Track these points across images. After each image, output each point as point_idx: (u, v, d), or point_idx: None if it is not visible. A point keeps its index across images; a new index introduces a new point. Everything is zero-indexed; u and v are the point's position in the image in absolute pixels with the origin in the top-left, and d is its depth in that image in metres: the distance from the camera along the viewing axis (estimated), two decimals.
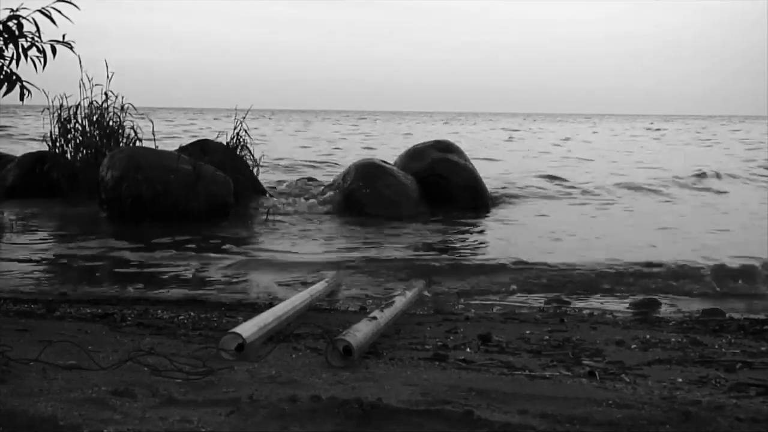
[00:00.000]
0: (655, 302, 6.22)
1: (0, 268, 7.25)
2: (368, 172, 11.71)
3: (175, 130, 31.17)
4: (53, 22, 4.32)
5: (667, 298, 6.43)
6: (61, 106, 11.47)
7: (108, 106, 11.42)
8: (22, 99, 4.33)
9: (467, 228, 10.46)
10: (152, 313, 5.11)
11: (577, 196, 14.46)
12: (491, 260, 8.02)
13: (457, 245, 9.05)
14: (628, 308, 6.06)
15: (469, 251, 8.63)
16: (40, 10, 4.27)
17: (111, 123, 11.45)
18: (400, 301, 4.99)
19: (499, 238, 9.46)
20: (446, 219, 10.94)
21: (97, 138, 11.38)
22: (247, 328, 3.76)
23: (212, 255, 8.15)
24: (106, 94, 11.39)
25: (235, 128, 11.65)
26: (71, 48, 4.49)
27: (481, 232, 10.22)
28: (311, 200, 12.36)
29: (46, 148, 11.82)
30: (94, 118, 11.43)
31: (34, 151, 12.76)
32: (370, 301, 6.12)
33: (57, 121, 11.49)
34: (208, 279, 6.98)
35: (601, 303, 6.24)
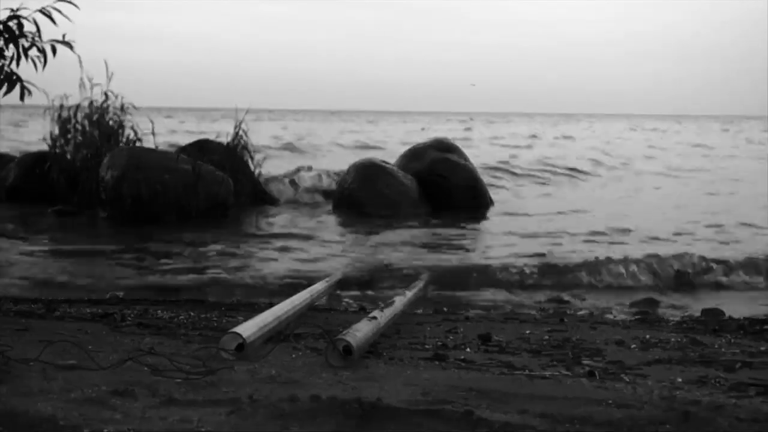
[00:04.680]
0: (655, 302, 6.23)
1: (0, 267, 7.25)
2: (368, 172, 11.72)
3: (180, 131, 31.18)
4: (53, 21, 4.32)
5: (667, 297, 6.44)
6: (61, 106, 11.47)
7: (108, 106, 11.42)
8: (22, 99, 4.33)
9: (467, 228, 10.46)
10: (152, 313, 5.10)
11: None
12: (491, 260, 8.03)
13: (458, 245, 9.05)
14: (628, 308, 6.07)
15: (469, 251, 8.63)
16: (40, 10, 4.27)
17: (111, 123, 11.45)
18: (400, 301, 4.99)
19: (499, 238, 9.46)
20: (446, 219, 10.94)
21: (97, 138, 11.38)
22: (247, 328, 3.75)
23: (212, 254, 8.16)
24: (106, 94, 11.39)
25: (235, 128, 11.67)
26: (71, 48, 4.49)
27: (481, 231, 10.22)
28: (311, 200, 12.38)
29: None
30: (94, 118, 11.43)
31: (34, 151, 12.77)
32: (370, 300, 6.12)
33: (57, 121, 11.49)
34: (207, 279, 6.98)
35: (601, 302, 6.24)
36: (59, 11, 4.32)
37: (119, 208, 10.06)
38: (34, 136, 21.09)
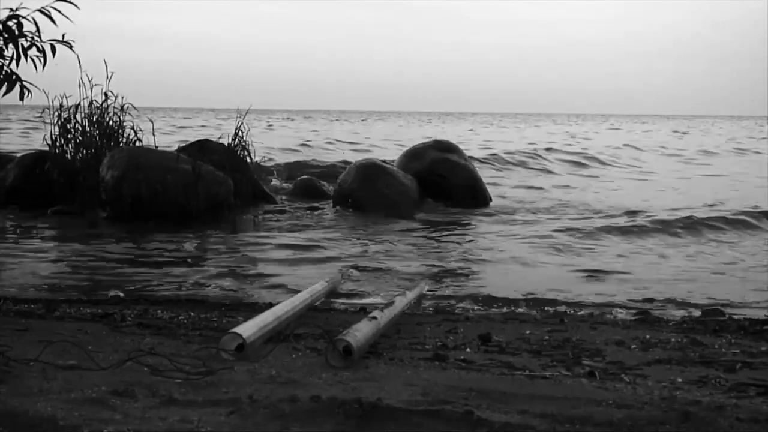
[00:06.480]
0: (655, 302, 6.22)
1: (0, 268, 7.25)
2: (368, 172, 11.72)
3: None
4: (53, 21, 4.32)
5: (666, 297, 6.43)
6: (61, 106, 11.46)
7: (108, 106, 11.42)
8: (22, 99, 4.33)
9: (467, 227, 10.46)
10: (152, 313, 5.10)
11: None
12: (490, 259, 8.03)
13: (457, 245, 9.05)
14: (628, 308, 6.05)
15: (468, 251, 8.63)
16: (40, 10, 4.26)
17: (111, 123, 11.44)
18: (400, 302, 4.99)
19: (498, 237, 9.46)
20: (446, 218, 10.94)
21: (97, 138, 11.37)
22: (247, 328, 3.75)
23: (212, 255, 8.16)
24: (105, 94, 11.38)
25: (235, 128, 11.67)
26: (71, 47, 4.48)
27: (481, 231, 10.22)
28: (311, 200, 12.38)
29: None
30: (94, 118, 11.43)
31: (33, 151, 12.76)
32: (370, 300, 6.12)
33: (57, 121, 11.48)
34: (207, 279, 6.98)
35: (601, 303, 6.22)
36: (59, 11, 4.31)
37: (119, 208, 10.06)
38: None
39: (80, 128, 11.46)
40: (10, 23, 4.22)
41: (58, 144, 11.55)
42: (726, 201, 13.14)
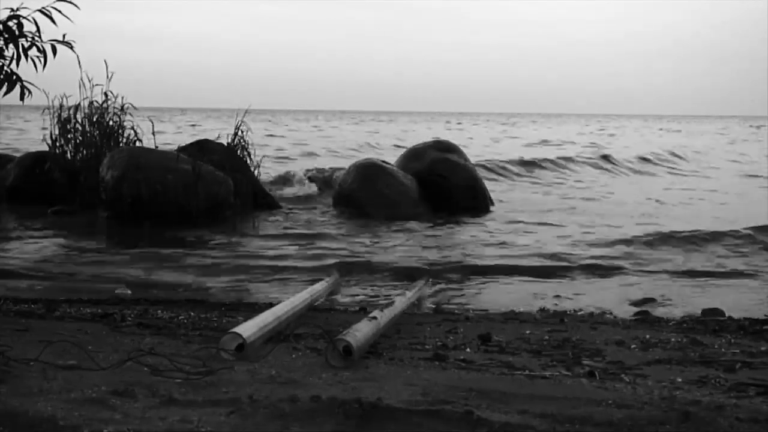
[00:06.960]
0: (654, 302, 6.22)
1: (0, 267, 7.24)
2: (368, 172, 11.71)
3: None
4: (53, 21, 4.31)
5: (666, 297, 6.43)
6: (61, 106, 11.46)
7: (108, 106, 11.41)
8: (22, 99, 4.32)
9: (467, 228, 10.46)
10: (152, 313, 5.10)
11: None
12: (490, 260, 8.03)
13: (457, 245, 9.05)
14: (628, 308, 6.06)
15: (468, 251, 8.63)
16: (40, 10, 4.26)
17: (111, 123, 11.44)
18: (400, 301, 4.99)
19: (498, 238, 9.45)
20: (446, 219, 10.93)
21: (97, 138, 11.37)
22: (248, 328, 3.75)
23: (212, 255, 8.16)
24: (105, 94, 11.38)
25: (235, 128, 11.66)
26: (71, 48, 4.48)
27: (481, 231, 10.21)
28: (312, 200, 12.37)
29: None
30: (94, 118, 11.42)
31: (33, 151, 12.75)
32: (370, 300, 6.12)
33: (57, 121, 11.48)
34: (207, 279, 6.98)
35: (601, 303, 6.23)
36: (59, 11, 4.31)
37: (119, 208, 10.06)
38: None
39: (80, 128, 11.46)
40: (10, 23, 4.22)
41: (58, 144, 11.55)
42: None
